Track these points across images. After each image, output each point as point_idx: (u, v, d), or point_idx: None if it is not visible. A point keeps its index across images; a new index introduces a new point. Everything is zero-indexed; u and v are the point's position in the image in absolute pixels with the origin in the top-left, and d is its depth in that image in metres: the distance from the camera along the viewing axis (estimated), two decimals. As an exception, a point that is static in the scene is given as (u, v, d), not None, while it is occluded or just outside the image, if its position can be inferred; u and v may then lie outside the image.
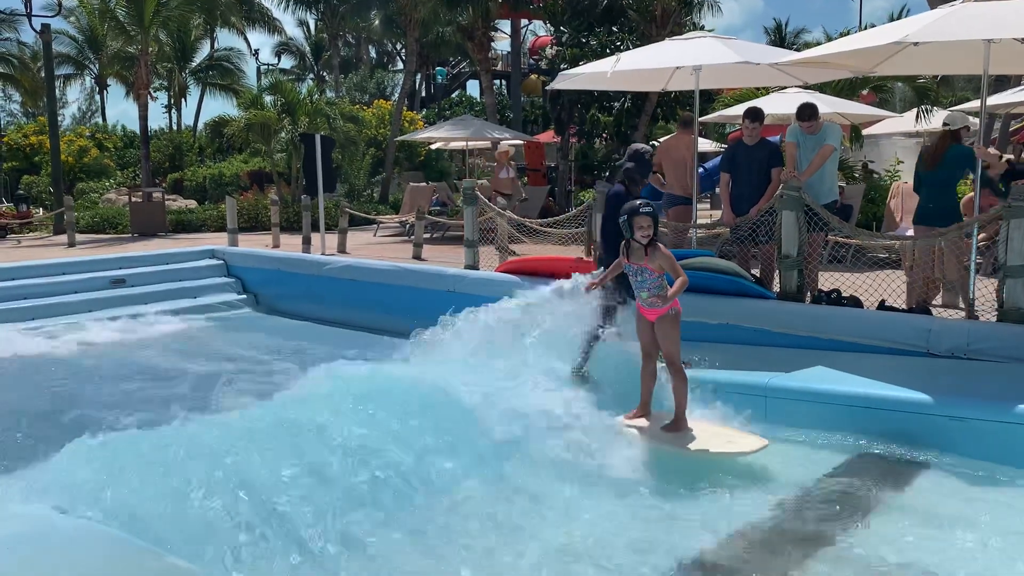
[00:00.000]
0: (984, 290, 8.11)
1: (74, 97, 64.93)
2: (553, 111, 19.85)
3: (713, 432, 5.69)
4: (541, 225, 10.96)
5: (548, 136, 23.62)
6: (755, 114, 8.24)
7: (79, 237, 16.62)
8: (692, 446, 5.54)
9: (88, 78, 36.71)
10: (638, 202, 5.69)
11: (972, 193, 8.29)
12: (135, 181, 25.51)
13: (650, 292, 5.66)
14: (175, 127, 33.58)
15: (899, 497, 5.08)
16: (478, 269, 10.20)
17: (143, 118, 22.32)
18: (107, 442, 4.38)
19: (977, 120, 9.67)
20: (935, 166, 7.76)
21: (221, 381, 8.32)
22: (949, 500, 5.01)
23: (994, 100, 12.17)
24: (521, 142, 22.96)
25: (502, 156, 14.84)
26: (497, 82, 31.68)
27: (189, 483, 4.11)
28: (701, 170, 11.17)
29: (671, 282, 5.61)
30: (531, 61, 34.64)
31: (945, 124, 7.93)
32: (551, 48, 24.49)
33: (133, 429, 4.62)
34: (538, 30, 35.99)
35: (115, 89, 36.91)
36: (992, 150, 10.78)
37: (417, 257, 12.37)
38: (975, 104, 11.67)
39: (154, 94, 29.13)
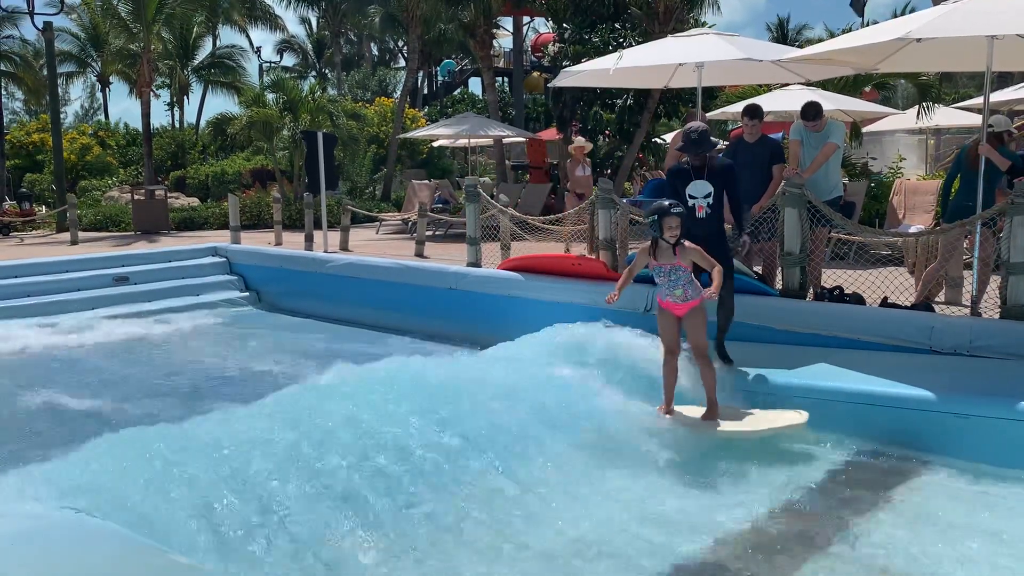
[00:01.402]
0: (987, 287, 8.10)
1: (76, 95, 65.06)
2: (555, 108, 19.79)
3: (751, 414, 5.86)
4: (543, 222, 10.96)
5: (550, 134, 23.56)
6: (753, 111, 8.21)
7: (82, 235, 16.62)
8: (739, 428, 5.70)
9: (90, 76, 36.72)
10: (667, 203, 5.74)
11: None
12: (138, 179, 25.52)
13: (684, 288, 5.74)
14: (177, 125, 33.56)
15: (901, 495, 5.08)
16: (480, 267, 10.20)
17: (145, 116, 22.32)
18: (110, 439, 4.40)
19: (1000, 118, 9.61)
20: (979, 167, 7.70)
21: (223, 378, 8.35)
22: (951, 498, 5.01)
23: (997, 97, 12.15)
24: (523, 139, 22.96)
25: (578, 151, 13.48)
26: (499, 79, 31.64)
27: (193, 480, 4.12)
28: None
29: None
30: (533, 58, 34.60)
31: (989, 127, 7.88)
32: (553, 45, 24.41)
33: (136, 426, 4.63)
34: (540, 27, 35.97)
35: (117, 87, 36.88)
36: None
37: (419, 255, 12.37)
38: (978, 101, 11.64)
39: (156, 92, 29.20)
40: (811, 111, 8.10)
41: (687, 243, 5.76)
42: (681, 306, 5.82)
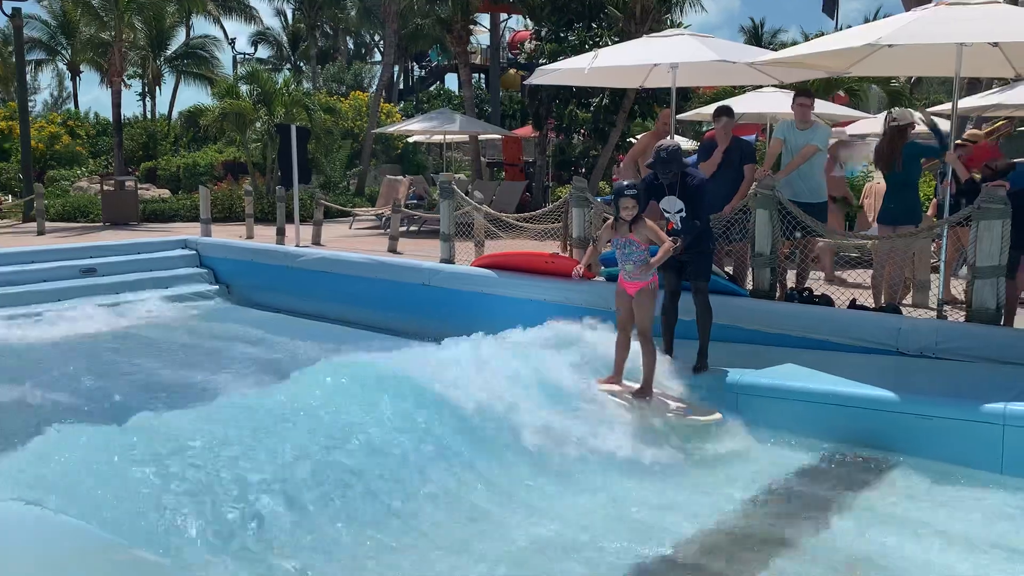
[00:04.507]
0: (953, 290, 8.22)
1: (46, 83, 64.00)
2: (531, 106, 19.81)
3: (674, 401, 6.13)
4: (517, 220, 10.95)
5: (526, 131, 23.58)
6: (723, 112, 8.27)
7: (49, 225, 16.40)
8: (653, 411, 5.96)
9: (60, 64, 36.15)
10: (625, 183, 6.09)
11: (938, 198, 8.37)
12: (108, 169, 25.18)
13: (635, 265, 6.01)
14: (149, 115, 33.16)
15: (865, 496, 5.13)
16: (453, 263, 10.18)
17: (116, 106, 22.05)
18: (74, 433, 4.33)
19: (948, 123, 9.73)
20: (893, 167, 7.76)
21: (189, 373, 8.26)
22: (916, 497, 5.08)
23: (966, 103, 12.29)
24: (499, 136, 22.95)
25: (837, 148, 10.40)
26: (475, 76, 31.56)
27: (156, 476, 4.07)
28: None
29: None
30: (510, 55, 34.53)
31: (893, 121, 7.80)
32: (530, 43, 24.45)
33: (99, 420, 4.57)
34: (517, 24, 35.95)
35: (88, 76, 36.31)
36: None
37: (392, 250, 12.32)
38: (947, 107, 11.79)
39: (128, 81, 28.78)
40: (800, 94, 8.24)
41: (646, 221, 6.03)
42: (630, 284, 6.08)
